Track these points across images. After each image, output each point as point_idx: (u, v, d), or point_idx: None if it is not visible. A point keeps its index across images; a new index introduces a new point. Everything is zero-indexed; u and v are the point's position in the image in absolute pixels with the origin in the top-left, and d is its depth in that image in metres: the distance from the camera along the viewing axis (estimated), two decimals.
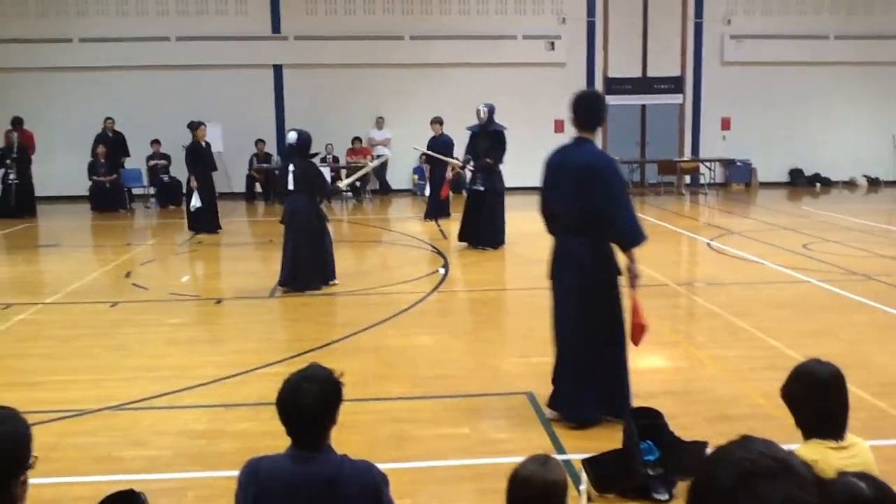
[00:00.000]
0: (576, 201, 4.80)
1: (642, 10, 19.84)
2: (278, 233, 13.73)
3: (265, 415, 5.12)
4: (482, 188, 11.27)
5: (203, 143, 13.48)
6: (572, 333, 4.92)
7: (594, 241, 4.82)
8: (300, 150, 8.94)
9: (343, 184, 11.95)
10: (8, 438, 1.60)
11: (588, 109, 4.99)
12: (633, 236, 4.81)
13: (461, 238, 11.50)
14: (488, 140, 11.17)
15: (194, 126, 13.50)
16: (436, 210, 14.64)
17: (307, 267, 8.81)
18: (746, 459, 1.21)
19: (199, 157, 13.38)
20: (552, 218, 5.05)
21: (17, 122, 16.35)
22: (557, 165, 5.00)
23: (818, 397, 2.80)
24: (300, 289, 8.72)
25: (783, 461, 1.21)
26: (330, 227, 9.27)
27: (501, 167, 11.37)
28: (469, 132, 11.60)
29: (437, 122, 15.29)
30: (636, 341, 4.90)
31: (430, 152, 14.16)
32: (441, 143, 14.90)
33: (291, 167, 8.84)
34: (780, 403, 4.71)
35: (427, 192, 15.01)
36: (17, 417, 1.65)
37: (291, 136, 9.01)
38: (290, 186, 8.83)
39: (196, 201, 13.21)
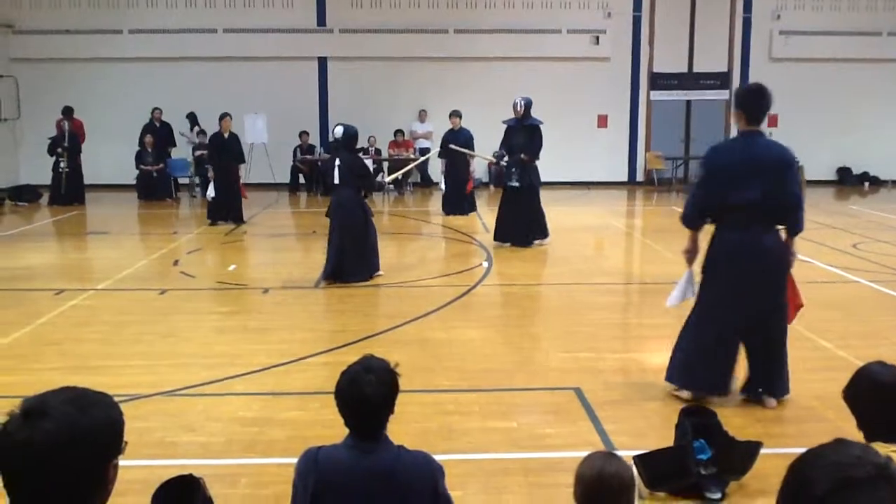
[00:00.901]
0: (770, 192, 4.93)
1: (689, 5, 19.61)
2: (322, 224, 13.84)
3: (314, 404, 5.20)
4: (517, 184, 10.98)
5: (226, 135, 13.48)
6: (766, 319, 5.10)
7: (776, 230, 5.09)
8: (346, 144, 9.03)
9: (388, 178, 11.87)
10: (105, 424, 1.64)
11: (761, 102, 5.03)
12: (802, 223, 5.11)
13: (497, 237, 11.19)
14: (524, 134, 10.90)
15: (220, 117, 13.60)
16: (458, 205, 14.52)
17: (353, 261, 8.85)
18: (845, 464, 1.19)
19: (219, 149, 13.44)
20: (721, 211, 5.06)
21: (68, 112, 16.67)
22: (739, 159, 4.99)
23: (882, 400, 2.75)
24: (345, 281, 8.77)
25: (883, 466, 1.19)
26: (374, 220, 9.29)
27: (538, 162, 11.09)
28: (504, 126, 11.31)
29: (455, 115, 15.21)
30: (791, 319, 5.27)
31: (455, 147, 13.92)
32: (459, 138, 14.85)
33: (338, 161, 8.91)
34: (834, 405, 4.68)
35: (443, 186, 14.58)
36: (113, 403, 1.69)
37: (338, 131, 9.08)
38: (336, 181, 8.90)
39: (210, 191, 13.40)
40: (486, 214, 15.20)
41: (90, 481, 1.63)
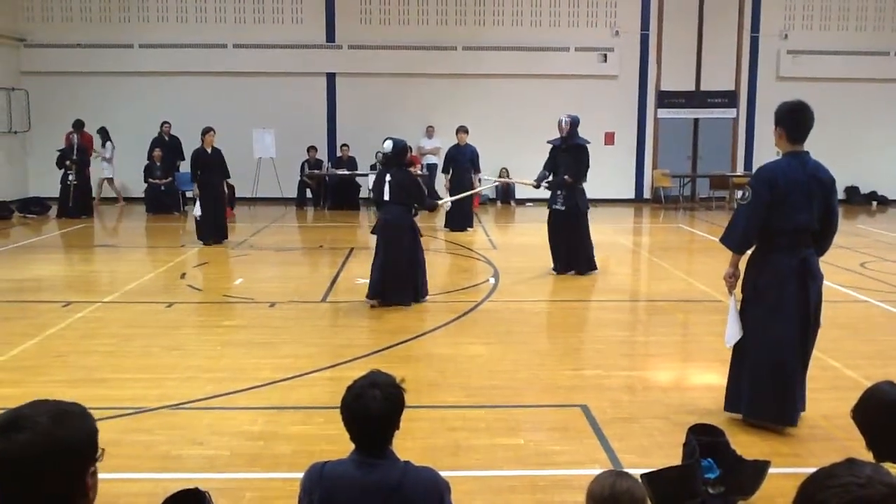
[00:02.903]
0: (821, 214, 4.96)
1: (697, 24, 19.66)
2: (329, 238, 13.92)
3: (319, 419, 5.19)
4: (563, 208, 10.29)
5: (209, 150, 13.02)
6: (811, 342, 5.07)
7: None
8: (396, 159, 8.56)
9: (443, 201, 11.15)
10: (80, 433, 1.67)
11: (802, 120, 4.91)
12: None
13: (558, 268, 10.39)
14: (570, 154, 10.21)
15: (203, 132, 13.12)
16: (462, 221, 14.54)
17: (397, 282, 8.42)
18: (856, 484, 1.18)
19: (202, 165, 12.95)
20: (772, 233, 4.94)
21: (78, 125, 16.76)
22: (796, 180, 4.87)
23: (892, 420, 2.73)
24: (389, 302, 8.36)
25: (893, 486, 1.18)
26: (423, 240, 8.90)
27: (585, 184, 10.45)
28: (550, 146, 10.62)
29: (462, 131, 15.26)
30: None
31: (499, 179, 13.33)
32: (465, 153, 14.86)
33: (388, 177, 8.46)
34: (841, 424, 4.66)
35: (449, 204, 14.06)
36: (86, 413, 1.73)
37: (387, 146, 8.59)
38: (386, 197, 8.45)
39: (196, 210, 12.83)
40: (493, 231, 15.23)
41: (69, 490, 1.65)
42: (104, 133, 18.04)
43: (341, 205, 18.13)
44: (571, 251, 10.34)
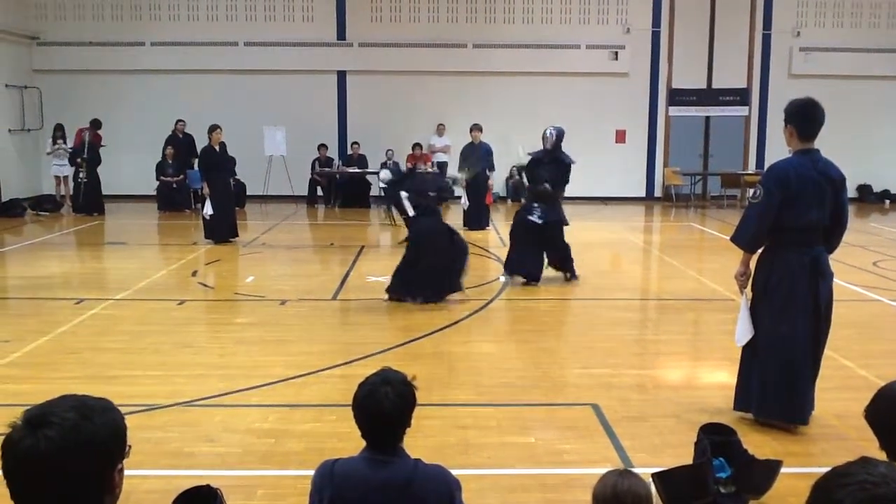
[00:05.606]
0: (832, 211, 4.94)
1: (709, 21, 19.58)
2: (340, 236, 13.95)
3: (330, 416, 5.20)
4: (539, 221, 9.64)
5: (217, 148, 12.94)
6: (823, 340, 5.05)
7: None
8: (402, 182, 9.16)
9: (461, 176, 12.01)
10: (108, 429, 1.65)
11: (812, 117, 4.88)
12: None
13: (507, 268, 9.90)
14: (553, 167, 9.74)
15: (209, 129, 12.90)
16: (478, 220, 14.57)
17: (431, 281, 8.57)
18: (870, 483, 1.18)
19: (212, 162, 12.86)
20: (782, 231, 4.90)
21: (95, 124, 16.78)
22: (808, 178, 4.84)
23: None
24: (417, 299, 8.53)
25: None
26: (458, 238, 8.95)
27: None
28: (530, 157, 10.04)
29: (476, 129, 15.22)
30: None
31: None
32: (479, 151, 14.85)
33: (404, 194, 8.79)
34: (854, 424, 4.63)
35: (466, 201, 14.33)
36: (114, 408, 1.71)
37: (384, 175, 9.51)
38: (412, 212, 8.76)
39: (208, 208, 12.65)
40: (503, 228, 15.21)
41: (96, 487, 1.64)
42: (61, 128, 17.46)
43: (352, 203, 18.17)
44: (540, 259, 9.82)
